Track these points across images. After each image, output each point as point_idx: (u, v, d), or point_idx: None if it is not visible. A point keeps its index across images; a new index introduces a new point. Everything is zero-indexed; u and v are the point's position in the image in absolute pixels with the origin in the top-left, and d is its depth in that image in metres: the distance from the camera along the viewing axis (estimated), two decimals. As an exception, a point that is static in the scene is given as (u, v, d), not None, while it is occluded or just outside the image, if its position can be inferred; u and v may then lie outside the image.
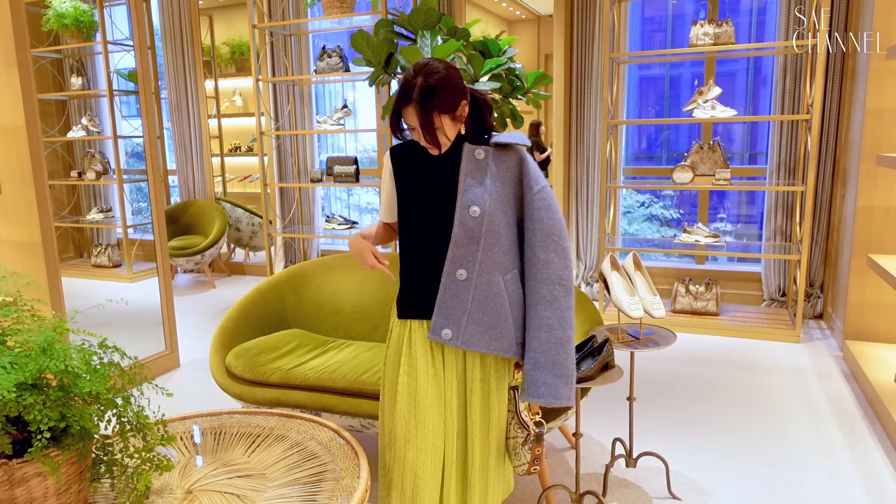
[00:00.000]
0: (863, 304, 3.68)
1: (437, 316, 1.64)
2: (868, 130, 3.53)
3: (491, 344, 1.64)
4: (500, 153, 1.65)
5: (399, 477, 1.67)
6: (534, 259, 1.63)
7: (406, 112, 1.58)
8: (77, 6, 4.14)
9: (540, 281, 1.62)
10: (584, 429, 2.92)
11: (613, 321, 3.88)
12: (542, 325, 1.62)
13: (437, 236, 1.64)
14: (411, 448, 1.66)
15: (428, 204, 1.67)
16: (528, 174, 1.65)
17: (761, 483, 2.47)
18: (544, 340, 1.62)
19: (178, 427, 1.98)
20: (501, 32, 3.06)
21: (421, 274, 1.68)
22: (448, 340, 1.64)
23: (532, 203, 1.63)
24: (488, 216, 1.60)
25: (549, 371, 1.62)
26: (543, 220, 1.62)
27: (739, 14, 4.93)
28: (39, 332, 1.51)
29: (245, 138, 6.57)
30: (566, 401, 1.63)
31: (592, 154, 4.85)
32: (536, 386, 1.62)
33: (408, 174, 1.70)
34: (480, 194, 1.61)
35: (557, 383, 1.62)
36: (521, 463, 1.75)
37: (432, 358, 1.69)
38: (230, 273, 6.27)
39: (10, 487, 1.39)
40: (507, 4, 7.89)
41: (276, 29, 5.25)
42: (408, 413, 1.67)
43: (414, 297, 1.70)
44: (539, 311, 1.62)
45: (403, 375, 1.69)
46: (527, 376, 1.65)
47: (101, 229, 4.86)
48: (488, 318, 1.63)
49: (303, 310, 3.00)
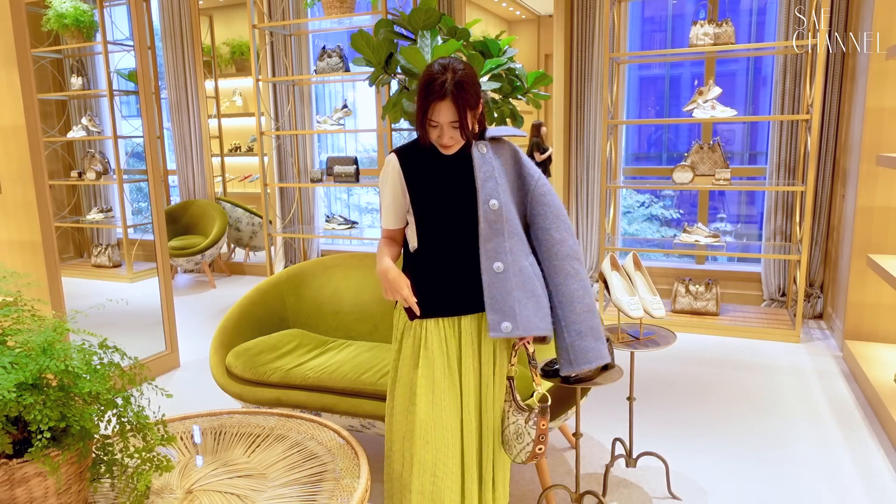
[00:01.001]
0: (863, 304, 3.68)
1: (492, 313, 1.68)
2: (868, 130, 3.53)
3: (541, 324, 1.71)
4: (496, 146, 1.74)
5: (418, 479, 1.68)
6: (550, 240, 1.73)
7: (438, 108, 1.59)
8: (77, 6, 4.14)
9: (561, 258, 1.73)
10: (584, 429, 2.92)
11: (613, 321, 3.88)
12: (574, 298, 1.73)
13: (458, 234, 1.66)
14: (430, 449, 1.68)
15: (445, 203, 1.69)
16: (525, 165, 1.76)
17: (761, 483, 2.47)
18: (579, 311, 1.73)
19: (178, 427, 1.98)
20: (501, 32, 3.06)
21: (443, 273, 1.70)
22: (510, 333, 1.68)
23: (537, 189, 1.74)
24: (505, 207, 1.68)
25: (591, 337, 1.74)
26: (551, 204, 1.74)
27: (739, 14, 4.93)
28: (39, 332, 1.51)
29: (245, 138, 6.57)
30: (607, 358, 1.78)
31: (592, 154, 4.85)
32: (584, 353, 1.73)
33: (419, 175, 1.70)
34: (494, 188, 1.67)
35: (598, 345, 1.75)
36: (523, 446, 1.73)
37: (448, 358, 1.71)
38: (230, 273, 6.27)
39: (10, 487, 1.39)
40: (507, 4, 7.89)
41: (276, 29, 5.25)
42: (426, 415, 1.69)
43: (435, 297, 1.72)
44: (569, 285, 1.73)
45: (421, 377, 1.70)
46: (572, 349, 1.74)
47: (101, 229, 4.86)
48: (532, 301, 1.70)
49: (303, 310, 3.00)
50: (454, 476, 1.69)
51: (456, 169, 1.68)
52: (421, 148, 1.70)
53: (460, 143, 1.66)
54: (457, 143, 1.65)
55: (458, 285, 1.70)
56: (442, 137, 1.63)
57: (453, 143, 1.64)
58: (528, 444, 1.72)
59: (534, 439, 1.70)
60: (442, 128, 1.61)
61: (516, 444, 1.75)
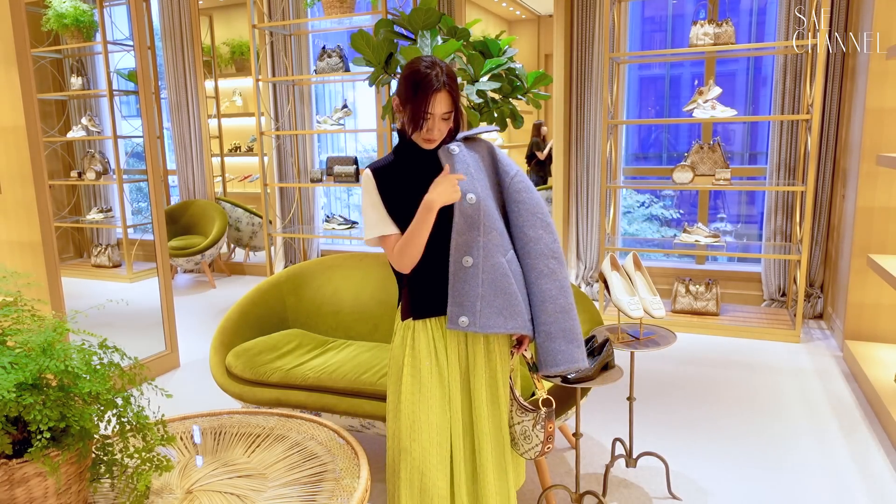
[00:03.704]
0: (863, 304, 3.68)
1: (452, 305, 1.67)
2: (868, 130, 3.53)
3: (507, 323, 1.68)
4: (471, 146, 1.74)
5: (407, 474, 1.70)
6: (524, 238, 1.72)
7: (437, 99, 1.60)
8: (77, 6, 4.14)
9: (535, 257, 1.71)
10: (584, 429, 2.92)
11: (613, 321, 3.88)
12: (546, 298, 1.70)
13: (438, 235, 1.66)
14: (416, 447, 1.69)
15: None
16: (501, 161, 1.76)
17: (761, 483, 2.47)
18: (551, 311, 1.70)
19: (178, 427, 1.98)
20: (501, 32, 3.06)
21: (426, 274, 1.70)
22: (466, 327, 1.66)
23: (512, 186, 1.73)
24: (483, 202, 1.66)
25: (561, 339, 1.70)
26: (526, 201, 1.72)
27: (739, 14, 4.93)
28: (39, 332, 1.51)
29: (245, 138, 6.57)
30: (581, 363, 1.72)
31: (592, 154, 4.85)
32: (553, 355, 1.70)
33: (393, 190, 1.69)
34: (470, 183, 1.67)
35: (571, 348, 1.70)
36: (531, 446, 1.77)
37: (435, 356, 1.71)
38: (230, 273, 6.27)
39: (10, 487, 1.39)
40: (507, 4, 7.89)
41: (276, 29, 5.25)
42: (411, 413, 1.70)
43: (422, 298, 1.72)
44: (540, 284, 1.70)
45: (407, 376, 1.71)
46: (540, 350, 1.71)
47: (101, 229, 4.86)
48: (500, 299, 1.67)
49: (303, 310, 3.00)
50: (442, 473, 1.70)
51: (426, 175, 1.67)
52: (395, 163, 1.71)
53: (444, 136, 1.67)
54: (441, 137, 1.66)
55: (444, 286, 1.69)
56: (432, 130, 1.63)
57: (440, 137, 1.65)
58: (536, 445, 1.76)
59: (542, 440, 1.75)
60: (434, 119, 1.62)
61: (524, 443, 1.78)
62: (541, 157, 7.27)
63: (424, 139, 1.65)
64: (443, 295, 1.69)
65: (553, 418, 1.73)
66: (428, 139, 1.65)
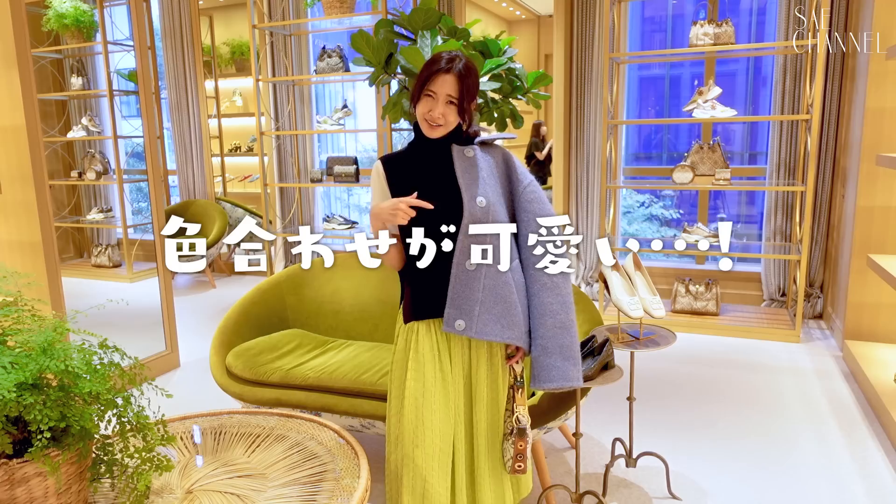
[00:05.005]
0: (863, 304, 3.68)
1: (450, 307, 1.65)
2: (868, 130, 3.53)
3: (504, 332, 1.66)
4: (486, 151, 1.73)
5: (410, 480, 1.68)
6: (530, 248, 1.69)
7: (441, 79, 1.59)
8: (77, 6, 4.14)
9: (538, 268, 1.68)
10: (584, 429, 2.92)
11: (613, 321, 3.87)
12: (546, 311, 1.67)
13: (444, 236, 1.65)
14: (419, 452, 1.67)
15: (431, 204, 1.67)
16: (515, 170, 1.74)
17: (761, 483, 2.47)
18: (549, 326, 1.67)
19: (178, 427, 1.98)
20: (501, 32, 3.06)
21: (432, 275, 1.68)
22: (462, 331, 1.65)
23: (524, 196, 1.71)
24: (493, 207, 1.65)
25: (557, 355, 1.67)
26: (536, 212, 1.69)
27: (739, 14, 4.93)
28: (40, 332, 1.51)
29: (245, 138, 6.56)
30: (576, 382, 1.69)
31: (592, 154, 4.85)
32: (547, 371, 1.67)
33: (402, 181, 1.69)
34: (482, 187, 1.66)
35: (566, 366, 1.67)
36: (506, 459, 1.75)
37: (439, 360, 1.70)
38: (230, 273, 6.27)
39: (10, 487, 1.39)
40: (507, 4, 7.89)
41: (276, 29, 5.25)
42: (415, 417, 1.68)
43: (423, 299, 1.70)
44: (542, 297, 1.67)
45: (410, 380, 1.70)
46: (536, 363, 1.68)
47: (101, 229, 4.86)
48: (499, 307, 1.65)
49: (303, 310, 3.00)
50: (444, 479, 1.69)
51: (437, 172, 1.67)
52: (407, 154, 1.71)
53: (450, 127, 1.64)
54: (447, 124, 1.63)
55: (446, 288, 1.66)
56: (434, 110, 1.60)
57: (443, 123, 1.62)
58: (508, 460, 1.73)
59: (512, 457, 1.71)
60: (437, 100, 1.60)
61: (505, 454, 1.76)
62: (540, 157, 7.27)
63: (426, 119, 1.63)
64: (444, 296, 1.67)
65: (525, 437, 1.69)
66: (430, 120, 1.63)
